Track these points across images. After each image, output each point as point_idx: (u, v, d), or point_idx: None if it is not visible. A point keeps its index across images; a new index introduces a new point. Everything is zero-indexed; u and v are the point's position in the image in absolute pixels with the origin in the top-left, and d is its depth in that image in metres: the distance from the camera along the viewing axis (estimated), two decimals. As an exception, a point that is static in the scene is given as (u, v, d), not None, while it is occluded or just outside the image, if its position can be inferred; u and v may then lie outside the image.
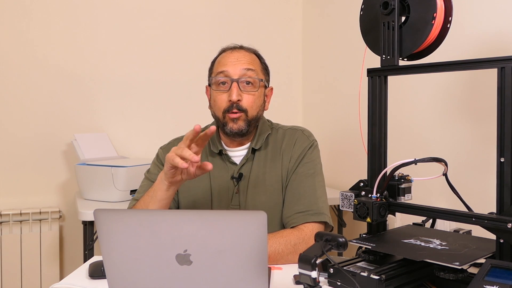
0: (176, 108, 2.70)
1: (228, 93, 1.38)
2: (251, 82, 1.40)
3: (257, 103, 1.42)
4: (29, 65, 2.45)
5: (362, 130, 1.24)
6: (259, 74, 1.43)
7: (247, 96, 1.39)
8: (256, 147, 1.44)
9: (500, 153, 0.96)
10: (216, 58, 1.47)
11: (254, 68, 1.41)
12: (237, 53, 1.43)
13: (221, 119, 1.41)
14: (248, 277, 0.80)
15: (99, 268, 1.13)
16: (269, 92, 1.50)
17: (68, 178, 2.54)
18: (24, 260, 2.36)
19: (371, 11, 1.19)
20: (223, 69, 1.40)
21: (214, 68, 1.46)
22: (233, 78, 1.38)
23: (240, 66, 1.39)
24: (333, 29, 2.70)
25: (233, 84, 1.38)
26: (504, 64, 0.95)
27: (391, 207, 1.11)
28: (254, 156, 1.44)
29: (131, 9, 2.64)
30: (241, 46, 1.47)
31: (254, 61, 1.44)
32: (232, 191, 1.41)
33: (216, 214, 0.83)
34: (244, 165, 1.43)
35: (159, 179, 1.27)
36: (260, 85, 1.42)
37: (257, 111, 1.42)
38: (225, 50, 1.47)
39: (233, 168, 1.43)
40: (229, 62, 1.40)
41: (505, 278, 0.85)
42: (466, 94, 1.75)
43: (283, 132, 1.49)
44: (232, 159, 1.44)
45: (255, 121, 1.42)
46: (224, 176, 1.43)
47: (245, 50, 1.46)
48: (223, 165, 1.44)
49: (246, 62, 1.40)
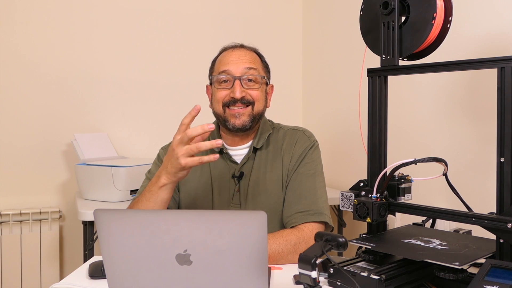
0: (176, 108, 2.69)
1: (231, 90, 1.39)
2: (253, 80, 1.41)
3: (262, 98, 1.44)
4: (29, 65, 2.45)
5: (362, 130, 1.24)
6: (260, 71, 1.44)
7: (251, 91, 1.41)
8: (258, 146, 1.44)
9: (500, 153, 0.96)
10: (217, 57, 1.48)
11: (255, 66, 1.43)
12: (238, 51, 1.44)
13: (221, 114, 1.41)
14: (248, 277, 0.80)
15: (99, 268, 1.13)
16: (270, 90, 1.51)
17: (68, 178, 2.54)
18: (24, 260, 2.36)
19: (371, 11, 1.19)
20: (225, 68, 1.41)
21: (215, 67, 1.46)
22: (235, 76, 1.39)
23: (242, 65, 1.40)
24: (333, 29, 2.70)
25: (235, 82, 1.39)
26: (504, 64, 0.95)
27: (391, 207, 1.11)
28: (255, 155, 1.44)
29: (131, 9, 2.64)
30: (241, 44, 1.49)
31: (255, 59, 1.45)
32: (233, 190, 1.41)
33: (216, 214, 0.83)
34: (245, 164, 1.43)
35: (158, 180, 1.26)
36: (262, 82, 1.44)
37: (262, 106, 1.44)
38: (226, 49, 1.47)
39: (234, 167, 1.43)
40: (231, 60, 1.41)
41: (505, 278, 0.85)
42: (466, 94, 1.75)
43: (284, 132, 1.49)
44: (233, 158, 1.45)
45: (259, 116, 1.44)
46: (225, 175, 1.43)
47: (246, 49, 1.47)
48: (224, 164, 1.44)
49: (247, 61, 1.42)
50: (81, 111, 2.55)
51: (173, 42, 2.72)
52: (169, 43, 2.71)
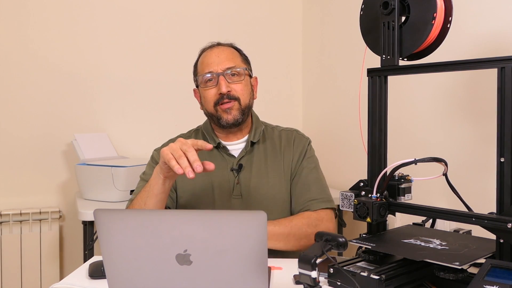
0: (176, 108, 2.70)
1: (217, 87, 1.45)
2: (236, 74, 1.47)
3: (247, 91, 1.49)
4: (29, 65, 2.45)
5: (362, 130, 1.24)
6: (240, 64, 1.50)
7: (236, 85, 1.46)
8: (255, 140, 1.50)
9: (500, 153, 0.96)
10: (198, 60, 1.54)
11: (234, 60, 1.48)
12: (216, 49, 1.50)
13: (214, 113, 1.47)
14: (248, 277, 0.80)
15: (99, 268, 1.13)
16: (254, 82, 1.57)
17: (68, 178, 2.54)
18: (24, 260, 2.36)
19: (371, 11, 1.19)
20: (207, 68, 1.47)
21: (198, 69, 1.52)
22: (218, 72, 1.45)
23: (222, 61, 1.46)
24: (333, 29, 2.70)
25: (220, 78, 1.44)
26: (504, 64, 0.95)
27: (391, 207, 1.11)
28: (253, 149, 1.51)
29: (131, 9, 2.64)
30: (218, 43, 1.55)
31: (233, 54, 1.51)
32: (233, 182, 1.46)
33: (216, 214, 0.83)
34: (244, 157, 1.48)
35: (155, 173, 1.27)
36: (245, 73, 1.50)
37: (248, 99, 1.49)
38: (204, 50, 1.54)
39: (232, 160, 1.48)
40: (211, 60, 1.47)
41: (505, 278, 0.85)
42: (466, 94, 1.75)
43: (278, 132, 1.57)
44: (230, 152, 1.50)
45: (248, 109, 1.49)
46: (223, 168, 1.47)
47: (223, 46, 1.53)
48: (221, 158, 1.49)
49: (226, 57, 1.47)
50: (81, 111, 2.55)
51: (173, 42, 2.72)
52: (169, 43, 2.71)
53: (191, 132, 1.62)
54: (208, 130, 1.53)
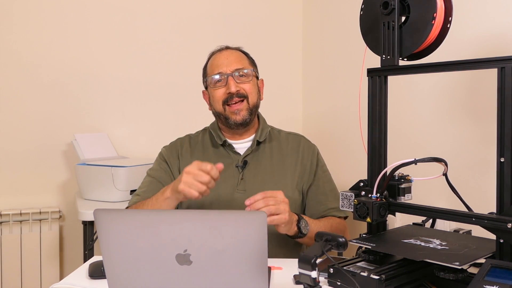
0: (177, 108, 2.70)
1: (226, 87, 1.50)
2: (244, 75, 1.52)
3: (254, 90, 1.54)
4: (28, 65, 2.45)
5: (362, 130, 1.24)
6: (248, 66, 1.56)
7: (244, 85, 1.52)
8: (261, 139, 1.55)
9: (500, 153, 0.96)
10: (207, 63, 1.59)
11: (243, 62, 1.55)
12: (225, 52, 1.57)
13: (222, 112, 1.52)
14: (248, 277, 0.80)
15: (99, 268, 1.13)
16: (261, 84, 1.62)
17: (68, 178, 2.54)
18: (24, 260, 2.36)
19: (371, 11, 1.19)
20: (217, 69, 1.52)
21: (208, 70, 1.57)
22: (227, 73, 1.50)
23: (231, 63, 1.52)
24: (333, 29, 2.70)
25: (229, 78, 1.50)
26: (504, 64, 0.95)
27: (391, 207, 1.11)
28: (259, 148, 1.55)
29: (131, 9, 2.63)
30: (227, 46, 1.60)
31: (241, 56, 1.57)
32: (238, 178, 1.50)
33: (216, 214, 0.83)
34: (249, 155, 1.53)
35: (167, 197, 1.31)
36: (253, 74, 1.55)
37: (256, 98, 1.55)
38: (213, 53, 1.59)
39: (237, 157, 1.53)
40: (220, 61, 1.53)
41: (505, 278, 0.85)
42: (466, 94, 1.75)
43: (285, 135, 1.62)
44: (236, 150, 1.54)
45: (255, 108, 1.55)
46: (228, 164, 1.49)
47: (231, 49, 1.59)
48: (226, 155, 1.54)
49: (234, 59, 1.53)
50: (81, 111, 2.55)
51: (173, 42, 2.72)
52: (169, 43, 2.71)
53: (198, 132, 1.66)
54: (215, 129, 1.58)
